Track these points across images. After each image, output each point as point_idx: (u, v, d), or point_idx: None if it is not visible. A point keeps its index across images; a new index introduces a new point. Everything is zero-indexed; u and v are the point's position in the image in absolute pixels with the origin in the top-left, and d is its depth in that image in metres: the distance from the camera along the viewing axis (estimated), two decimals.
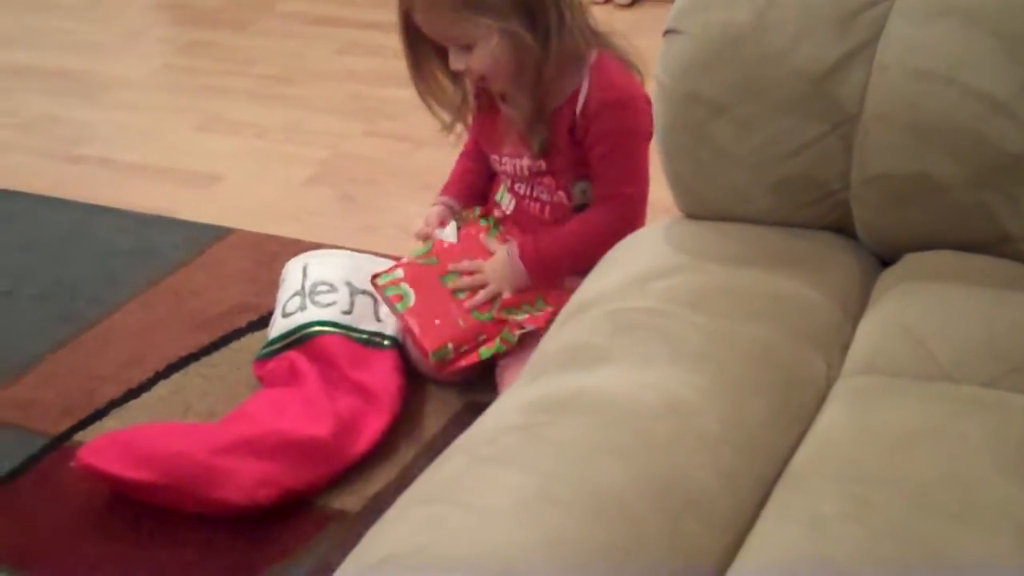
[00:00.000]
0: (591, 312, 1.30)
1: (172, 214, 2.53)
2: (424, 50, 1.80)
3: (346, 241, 2.27)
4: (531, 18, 1.71)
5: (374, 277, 1.89)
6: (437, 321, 1.82)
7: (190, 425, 1.85)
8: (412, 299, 1.84)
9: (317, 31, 3.51)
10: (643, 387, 1.13)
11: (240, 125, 2.95)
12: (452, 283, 1.86)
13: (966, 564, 0.94)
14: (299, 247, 2.24)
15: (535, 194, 1.91)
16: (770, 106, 1.36)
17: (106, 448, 1.73)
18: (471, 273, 1.86)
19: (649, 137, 1.83)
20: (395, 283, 1.86)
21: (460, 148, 2.02)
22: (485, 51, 1.72)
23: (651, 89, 1.48)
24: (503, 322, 1.82)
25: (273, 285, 2.09)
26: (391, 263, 1.99)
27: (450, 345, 1.80)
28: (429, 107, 1.86)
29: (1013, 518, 0.97)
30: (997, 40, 1.27)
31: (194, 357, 2.04)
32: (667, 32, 1.43)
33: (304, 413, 1.77)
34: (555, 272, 1.85)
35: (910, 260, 1.36)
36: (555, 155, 1.84)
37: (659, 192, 1.67)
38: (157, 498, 1.69)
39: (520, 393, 1.20)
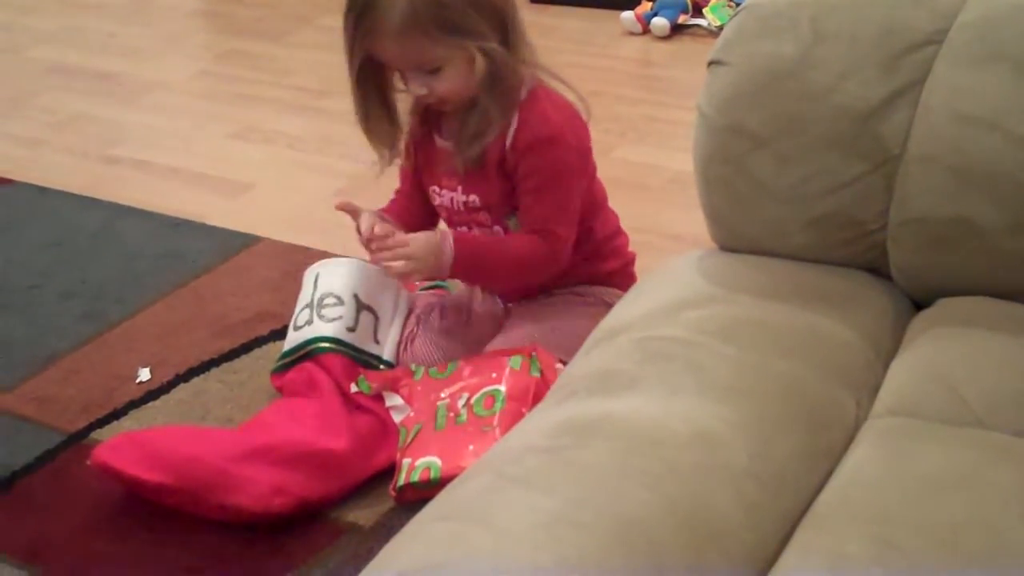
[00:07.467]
0: (620, 338, 1.29)
1: (201, 219, 2.53)
2: (370, 88, 1.80)
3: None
4: (504, 34, 1.73)
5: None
6: (471, 447, 1.67)
7: (208, 430, 1.85)
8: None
9: None
10: (670, 416, 1.12)
11: (273, 135, 2.95)
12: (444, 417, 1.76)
13: None
14: (325, 258, 2.23)
15: (473, 231, 1.89)
16: (812, 142, 1.35)
17: (122, 448, 1.72)
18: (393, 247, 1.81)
19: (579, 175, 1.82)
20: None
21: None
22: (455, 72, 1.72)
23: (690, 120, 1.47)
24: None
25: (297, 295, 2.09)
26: None
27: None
28: (373, 144, 1.88)
29: None
30: None
31: (215, 363, 2.04)
32: (711, 63, 1.43)
33: (322, 425, 1.76)
34: (475, 270, 1.86)
35: (945, 304, 1.35)
36: (487, 190, 1.83)
37: (690, 225, 1.66)
38: (171, 501, 1.69)
39: (546, 415, 1.19)
